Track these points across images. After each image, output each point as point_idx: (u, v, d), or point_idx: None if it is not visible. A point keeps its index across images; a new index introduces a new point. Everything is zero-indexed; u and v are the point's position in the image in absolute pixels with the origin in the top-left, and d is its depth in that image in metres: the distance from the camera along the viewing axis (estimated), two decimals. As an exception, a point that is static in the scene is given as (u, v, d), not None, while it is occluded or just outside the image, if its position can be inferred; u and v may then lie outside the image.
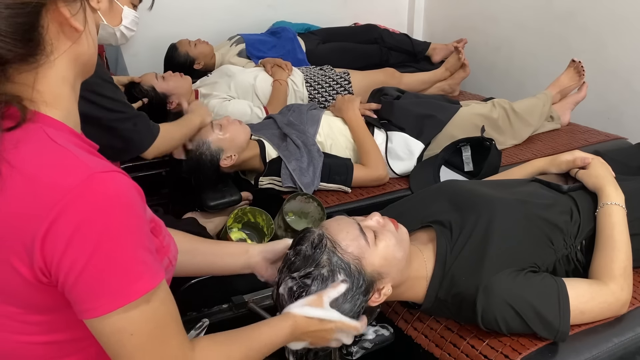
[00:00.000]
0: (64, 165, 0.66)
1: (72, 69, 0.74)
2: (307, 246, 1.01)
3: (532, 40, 3.16)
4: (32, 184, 0.65)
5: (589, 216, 1.26)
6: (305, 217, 1.78)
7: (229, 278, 1.47)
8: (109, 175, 0.67)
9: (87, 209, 0.64)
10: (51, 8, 0.68)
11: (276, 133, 2.02)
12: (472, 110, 2.22)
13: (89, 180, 0.65)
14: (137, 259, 0.68)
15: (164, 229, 0.84)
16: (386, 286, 1.05)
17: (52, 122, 0.71)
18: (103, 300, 0.66)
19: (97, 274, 0.65)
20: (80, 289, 0.66)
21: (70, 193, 0.63)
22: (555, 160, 1.42)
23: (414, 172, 2.03)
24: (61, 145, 0.68)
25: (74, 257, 0.64)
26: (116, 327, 0.68)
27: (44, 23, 0.68)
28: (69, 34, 0.71)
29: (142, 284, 0.68)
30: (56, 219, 0.63)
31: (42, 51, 0.68)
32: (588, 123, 2.54)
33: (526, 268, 1.12)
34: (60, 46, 0.71)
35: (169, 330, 0.72)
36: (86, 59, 0.76)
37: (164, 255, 0.81)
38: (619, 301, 1.13)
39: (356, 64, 2.96)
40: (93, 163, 0.67)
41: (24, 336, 0.73)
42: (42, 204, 0.64)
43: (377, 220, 1.08)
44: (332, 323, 0.97)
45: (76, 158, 0.67)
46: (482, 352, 1.09)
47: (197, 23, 3.13)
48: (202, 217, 1.87)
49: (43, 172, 0.65)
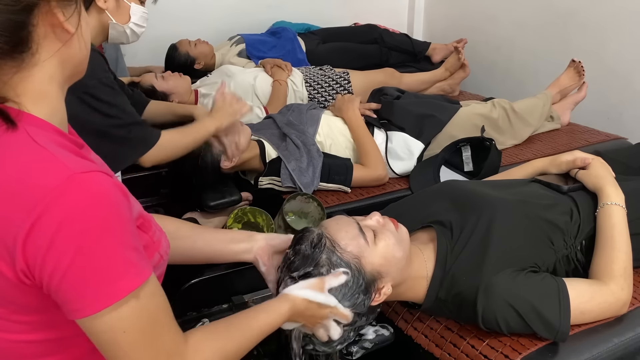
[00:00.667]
0: (44, 167, 0.66)
1: (61, 70, 0.73)
2: (306, 245, 1.01)
3: (532, 40, 3.16)
4: (11, 185, 0.65)
5: (589, 216, 1.26)
6: (305, 217, 1.78)
7: (229, 278, 1.47)
8: (89, 176, 0.66)
9: (67, 209, 0.63)
10: (44, 9, 0.68)
11: (276, 133, 2.02)
12: (472, 110, 2.22)
13: (69, 181, 0.64)
14: (120, 258, 0.67)
15: (153, 224, 0.83)
16: (386, 285, 1.05)
17: (35, 120, 0.70)
18: (89, 300, 0.66)
19: (80, 274, 0.65)
20: (66, 290, 0.66)
21: (50, 194, 0.63)
22: (555, 160, 1.42)
23: (414, 172, 2.03)
24: (42, 145, 0.67)
25: (56, 259, 0.64)
26: (107, 326, 0.68)
27: (34, 22, 0.67)
28: (60, 35, 0.71)
29: (126, 282, 0.67)
30: (37, 221, 0.63)
31: (28, 49, 0.68)
32: (588, 123, 2.54)
33: (526, 268, 1.12)
34: (49, 46, 0.70)
35: (161, 325, 0.73)
36: (76, 61, 0.75)
37: (154, 251, 0.80)
38: (619, 301, 1.13)
39: (356, 64, 2.96)
40: (73, 163, 0.67)
41: (12, 334, 0.73)
42: (22, 206, 0.63)
43: (376, 219, 1.08)
44: (328, 308, 0.98)
45: (56, 159, 0.66)
46: (482, 352, 1.09)
47: (197, 23, 3.13)
48: (202, 217, 1.87)
49: (22, 173, 0.65)
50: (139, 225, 0.76)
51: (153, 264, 0.78)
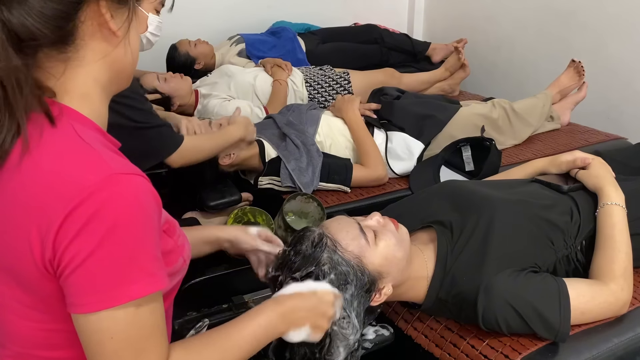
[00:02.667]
0: (87, 163, 0.67)
1: (106, 73, 0.75)
2: (307, 245, 1.01)
3: (532, 40, 3.16)
4: (55, 176, 0.67)
5: (589, 216, 1.26)
6: (305, 217, 1.78)
7: (229, 278, 1.47)
8: (128, 177, 0.68)
9: (101, 205, 0.65)
10: (93, 6, 0.70)
11: (276, 133, 2.02)
12: (472, 110, 2.22)
13: (109, 179, 0.66)
14: (137, 263, 0.68)
15: (178, 229, 0.84)
16: (387, 286, 1.05)
17: (80, 117, 0.73)
18: (92, 299, 0.66)
19: (94, 269, 0.65)
20: (75, 281, 0.66)
21: (89, 189, 0.65)
22: (556, 160, 1.41)
23: (414, 172, 2.03)
24: (87, 142, 0.69)
25: (78, 248, 0.65)
26: (99, 326, 0.67)
27: (81, 18, 0.69)
28: (107, 37, 0.73)
29: (134, 289, 0.67)
30: (71, 212, 0.64)
31: (72, 42, 0.70)
32: (588, 123, 2.54)
33: (527, 268, 1.12)
34: (95, 45, 0.72)
35: (150, 343, 0.71)
36: (121, 67, 0.77)
37: (178, 256, 0.81)
38: (619, 301, 1.13)
39: (356, 64, 2.96)
40: (115, 163, 0.69)
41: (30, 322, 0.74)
42: (62, 196, 0.65)
43: (377, 220, 1.08)
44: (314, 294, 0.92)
45: (99, 157, 0.68)
46: (482, 352, 1.09)
47: (197, 23, 3.13)
48: (202, 217, 1.87)
49: (66, 166, 0.67)
50: (165, 230, 0.77)
51: (176, 268, 0.79)
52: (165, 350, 0.73)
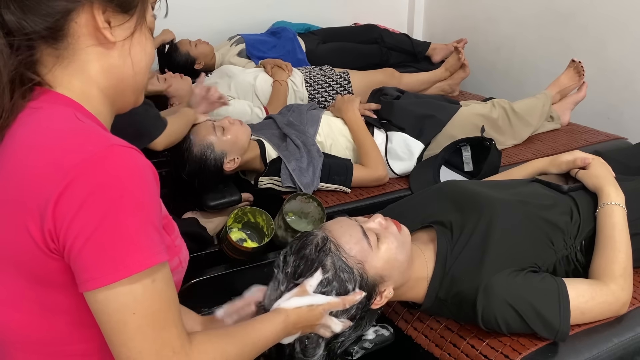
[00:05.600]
0: (87, 135, 0.68)
1: (103, 77, 0.75)
2: (311, 250, 1.00)
3: (532, 40, 3.16)
4: (52, 150, 0.67)
5: (589, 216, 1.26)
6: (305, 217, 1.78)
7: (229, 278, 1.47)
8: (129, 150, 0.68)
9: (104, 175, 0.64)
10: (87, 8, 0.71)
11: (276, 133, 2.02)
12: (472, 110, 2.22)
13: (110, 149, 0.66)
14: (145, 233, 0.67)
15: (176, 230, 0.84)
16: (388, 289, 1.05)
17: (79, 107, 0.74)
18: (106, 269, 0.65)
19: (104, 240, 0.64)
20: (86, 256, 0.65)
21: (90, 159, 0.64)
22: (556, 160, 1.41)
23: (414, 172, 2.03)
24: (84, 122, 0.70)
25: (84, 221, 0.64)
26: (119, 304, 0.66)
27: (75, 18, 0.71)
28: (102, 41, 0.74)
29: (143, 257, 0.66)
30: (72, 181, 0.63)
31: (62, 39, 0.71)
32: (588, 123, 2.54)
33: (526, 268, 1.12)
34: (88, 46, 0.73)
35: (171, 317, 0.70)
36: (120, 75, 0.77)
37: (174, 255, 0.81)
38: (619, 301, 1.13)
39: (356, 64, 2.96)
40: (115, 138, 0.69)
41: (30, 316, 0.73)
42: (60, 167, 0.64)
43: (379, 222, 1.08)
44: (320, 307, 0.97)
45: (98, 131, 0.69)
46: (482, 352, 1.09)
47: (197, 23, 3.13)
48: (202, 217, 1.87)
49: (65, 139, 0.67)
50: (163, 225, 0.76)
51: (172, 267, 0.78)
52: (183, 325, 0.73)
